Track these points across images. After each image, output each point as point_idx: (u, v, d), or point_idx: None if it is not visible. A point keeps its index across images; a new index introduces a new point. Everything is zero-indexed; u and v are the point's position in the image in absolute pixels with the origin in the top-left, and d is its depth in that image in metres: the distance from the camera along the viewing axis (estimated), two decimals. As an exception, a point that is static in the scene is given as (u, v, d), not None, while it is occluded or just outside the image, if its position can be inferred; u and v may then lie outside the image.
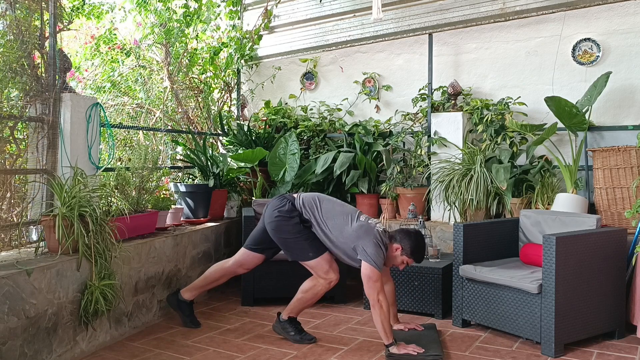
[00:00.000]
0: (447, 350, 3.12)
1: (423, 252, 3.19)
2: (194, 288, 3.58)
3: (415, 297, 3.79)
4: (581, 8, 4.32)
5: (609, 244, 3.25)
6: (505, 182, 4.05)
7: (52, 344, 2.81)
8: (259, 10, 5.62)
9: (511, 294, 3.23)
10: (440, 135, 4.66)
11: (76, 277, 2.97)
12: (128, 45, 5.10)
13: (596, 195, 4.07)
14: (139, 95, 5.22)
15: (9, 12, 3.01)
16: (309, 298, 3.28)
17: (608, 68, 4.25)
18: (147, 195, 3.82)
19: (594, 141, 4.38)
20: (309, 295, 3.26)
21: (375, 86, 5.33)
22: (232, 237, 4.64)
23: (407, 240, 3.12)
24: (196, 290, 3.58)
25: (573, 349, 3.12)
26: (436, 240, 4.39)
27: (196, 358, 3.03)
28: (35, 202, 3.12)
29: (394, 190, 4.72)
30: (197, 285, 3.58)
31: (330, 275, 3.20)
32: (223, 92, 5.74)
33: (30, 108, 3.16)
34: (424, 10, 4.81)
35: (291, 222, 3.22)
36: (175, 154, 5.25)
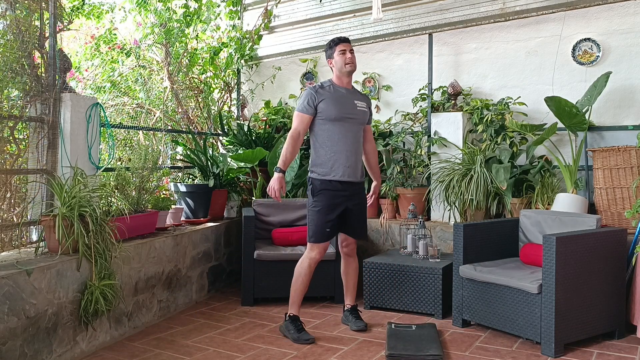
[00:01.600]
0: (447, 350, 3.12)
1: (336, 38, 3.42)
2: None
3: (415, 297, 3.79)
4: (581, 8, 4.32)
5: (609, 244, 3.25)
6: (505, 182, 4.05)
7: (52, 344, 2.81)
8: (259, 10, 5.62)
9: (511, 294, 3.23)
10: (440, 135, 4.66)
11: (76, 277, 2.97)
12: (128, 45, 5.10)
13: (596, 195, 4.07)
14: (139, 95, 5.22)
15: (9, 12, 3.01)
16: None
17: (608, 68, 4.25)
18: (147, 195, 3.82)
19: (594, 141, 4.38)
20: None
21: (375, 86, 5.33)
22: (232, 237, 4.64)
23: (326, 46, 3.46)
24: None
25: (573, 349, 3.12)
26: (436, 240, 4.39)
27: (196, 358, 3.03)
28: (35, 202, 3.12)
29: (394, 190, 4.72)
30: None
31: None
32: (223, 92, 5.74)
33: (31, 108, 3.16)
34: (424, 10, 4.81)
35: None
36: (175, 154, 5.24)
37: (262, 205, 4.45)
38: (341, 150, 3.30)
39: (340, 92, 3.36)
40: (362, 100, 3.44)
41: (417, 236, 4.11)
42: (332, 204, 3.30)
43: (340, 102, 3.32)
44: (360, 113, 3.38)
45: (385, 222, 4.68)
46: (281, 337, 3.38)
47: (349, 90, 3.42)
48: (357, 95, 3.46)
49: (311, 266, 3.35)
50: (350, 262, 3.57)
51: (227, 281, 4.59)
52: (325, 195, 3.30)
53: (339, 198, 3.31)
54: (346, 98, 3.36)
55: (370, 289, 3.94)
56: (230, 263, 4.61)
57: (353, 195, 3.38)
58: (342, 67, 3.34)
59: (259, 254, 4.02)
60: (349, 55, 3.33)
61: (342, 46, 3.34)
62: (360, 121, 3.40)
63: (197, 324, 3.65)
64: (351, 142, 3.33)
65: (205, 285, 4.30)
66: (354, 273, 3.59)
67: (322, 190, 3.31)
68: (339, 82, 3.40)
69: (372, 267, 3.92)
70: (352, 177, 3.34)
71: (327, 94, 3.32)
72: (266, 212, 4.45)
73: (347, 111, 3.32)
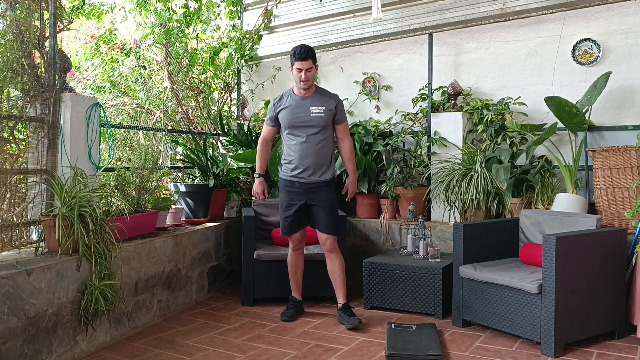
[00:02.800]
0: (447, 350, 3.12)
1: (297, 49, 3.48)
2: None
3: (415, 297, 3.79)
4: (581, 8, 4.32)
5: (609, 244, 3.25)
6: (505, 182, 4.05)
7: (52, 344, 2.81)
8: (259, 10, 5.62)
9: (511, 294, 3.23)
10: (440, 135, 4.66)
11: (76, 277, 2.97)
12: (128, 45, 5.10)
13: (596, 195, 4.07)
14: (139, 95, 5.22)
15: (9, 12, 3.01)
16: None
17: (608, 68, 4.25)
18: (147, 195, 3.82)
19: (594, 141, 4.37)
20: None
21: (375, 86, 5.33)
22: (232, 237, 4.64)
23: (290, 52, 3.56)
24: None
25: (573, 349, 3.12)
26: (436, 240, 4.39)
27: (196, 358, 3.03)
28: (35, 202, 3.12)
29: (394, 190, 4.72)
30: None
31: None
32: (223, 92, 5.74)
33: (31, 108, 3.16)
34: (424, 10, 4.81)
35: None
36: (175, 154, 5.24)
37: (262, 205, 4.45)
38: (295, 154, 3.55)
39: (296, 100, 3.57)
40: (320, 105, 3.53)
41: (417, 236, 4.11)
42: (289, 200, 3.62)
43: (292, 111, 3.55)
44: (315, 119, 3.51)
45: (385, 222, 4.68)
46: (281, 337, 3.38)
47: (306, 98, 3.55)
48: (317, 100, 3.55)
49: (291, 255, 3.76)
50: (333, 259, 3.65)
51: (227, 281, 4.59)
52: (284, 192, 3.65)
53: (296, 195, 3.59)
54: (301, 106, 3.54)
55: (370, 289, 3.94)
56: (230, 263, 4.61)
57: (311, 193, 3.57)
58: (297, 82, 3.53)
59: (259, 254, 4.02)
60: (304, 75, 3.46)
61: (298, 64, 3.46)
62: (317, 126, 3.51)
63: (197, 324, 3.65)
64: (307, 146, 3.52)
65: (205, 285, 4.30)
66: (339, 270, 3.66)
67: (282, 188, 3.67)
68: (297, 91, 3.59)
69: (372, 267, 3.92)
70: (308, 178, 3.54)
71: (284, 104, 3.59)
72: (266, 212, 4.45)
73: (298, 119, 3.53)
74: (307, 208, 3.62)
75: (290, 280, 3.82)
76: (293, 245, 3.73)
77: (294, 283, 3.81)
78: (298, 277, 3.80)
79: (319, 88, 3.65)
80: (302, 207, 3.60)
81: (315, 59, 3.51)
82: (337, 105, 3.58)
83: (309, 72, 3.47)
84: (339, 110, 3.60)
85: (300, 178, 3.55)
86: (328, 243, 3.60)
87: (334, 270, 3.66)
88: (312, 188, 3.56)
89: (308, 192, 3.57)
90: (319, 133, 3.53)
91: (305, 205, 3.60)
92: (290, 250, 3.77)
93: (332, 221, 3.60)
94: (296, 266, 3.78)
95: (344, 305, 3.66)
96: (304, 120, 3.52)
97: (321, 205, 3.58)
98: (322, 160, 3.56)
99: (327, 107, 3.54)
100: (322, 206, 3.58)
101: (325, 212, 3.58)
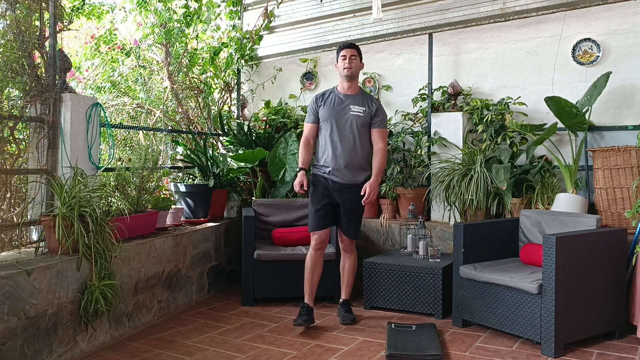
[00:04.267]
0: (447, 350, 3.12)
1: (342, 43, 3.68)
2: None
3: (415, 297, 3.79)
4: (581, 8, 4.32)
5: (609, 244, 3.25)
6: (505, 182, 4.05)
7: (52, 344, 2.81)
8: (259, 11, 5.62)
9: (511, 294, 3.23)
10: (440, 135, 4.66)
11: (76, 277, 2.97)
12: (128, 45, 5.10)
13: (596, 195, 4.07)
14: (139, 95, 5.22)
15: (9, 12, 3.02)
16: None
17: (608, 68, 4.25)
18: (147, 195, 3.82)
19: (594, 141, 4.37)
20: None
21: (375, 86, 5.33)
22: (232, 237, 4.64)
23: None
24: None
25: (573, 349, 3.12)
26: (436, 240, 4.39)
27: (196, 358, 3.03)
28: (35, 202, 3.12)
29: (394, 190, 4.72)
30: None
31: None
32: (223, 92, 5.74)
33: (31, 108, 3.16)
34: (424, 10, 4.80)
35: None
36: (175, 154, 5.24)
37: (262, 205, 4.46)
38: (329, 152, 3.55)
39: (337, 97, 3.60)
40: (360, 105, 3.56)
41: (417, 236, 4.11)
42: (319, 195, 3.58)
43: (332, 108, 3.57)
44: (353, 117, 3.52)
45: (385, 222, 4.68)
46: (281, 337, 3.38)
47: (349, 95, 3.59)
48: (358, 99, 3.59)
49: (311, 255, 3.63)
50: (346, 258, 3.74)
51: (227, 281, 4.59)
52: (316, 186, 3.61)
53: (326, 191, 3.56)
54: (341, 103, 3.57)
55: (370, 289, 3.94)
56: (230, 263, 4.61)
57: (342, 192, 3.54)
58: (341, 71, 3.59)
59: (259, 254, 4.02)
60: (348, 62, 3.53)
61: (343, 52, 3.57)
62: (355, 124, 3.52)
63: (197, 324, 3.65)
64: (341, 145, 3.51)
65: (205, 285, 4.30)
66: (349, 269, 3.73)
67: (314, 182, 3.63)
68: (340, 88, 3.64)
69: (372, 267, 3.92)
70: (340, 179, 3.53)
71: (325, 100, 3.62)
72: (266, 212, 4.45)
73: (338, 116, 3.54)
74: (336, 207, 3.60)
75: (305, 283, 3.62)
76: (315, 243, 3.59)
77: (308, 287, 3.61)
78: (314, 281, 3.62)
79: (363, 91, 3.70)
80: (331, 205, 3.58)
81: (361, 55, 3.61)
82: (378, 108, 3.60)
83: (353, 59, 3.53)
84: (379, 113, 3.59)
85: (333, 176, 3.53)
86: (346, 243, 3.68)
87: (345, 267, 3.75)
88: (344, 188, 3.54)
89: (340, 191, 3.54)
90: (356, 132, 3.52)
91: (335, 204, 3.58)
92: (311, 249, 3.62)
93: (355, 225, 3.65)
94: (314, 267, 3.61)
95: (345, 301, 3.73)
96: (342, 118, 3.53)
97: (349, 207, 3.56)
98: (357, 160, 3.55)
99: (367, 108, 3.56)
100: (349, 208, 3.57)
101: (351, 214, 3.59)
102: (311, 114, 3.65)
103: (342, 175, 3.52)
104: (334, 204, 3.58)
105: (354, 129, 3.52)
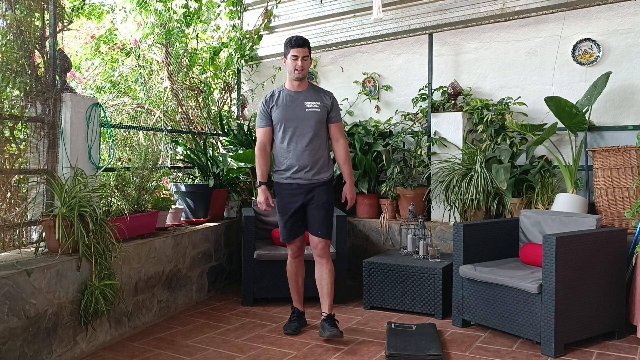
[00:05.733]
0: (447, 350, 3.12)
1: (292, 37, 3.32)
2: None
3: (415, 297, 3.79)
4: (581, 8, 4.32)
5: (609, 244, 3.25)
6: (505, 182, 4.05)
7: (52, 344, 2.81)
8: (259, 10, 5.62)
9: (511, 294, 3.23)
10: (440, 135, 4.66)
11: (76, 277, 2.97)
12: (128, 45, 5.10)
13: (596, 195, 4.07)
14: (139, 95, 5.22)
15: (9, 12, 3.02)
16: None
17: (608, 68, 4.25)
18: (147, 195, 3.82)
19: (594, 141, 4.37)
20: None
21: (375, 86, 5.33)
22: (232, 237, 4.64)
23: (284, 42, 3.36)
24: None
25: (573, 349, 3.12)
26: (436, 240, 4.39)
27: (196, 358, 3.03)
28: (36, 202, 3.12)
29: (394, 190, 4.72)
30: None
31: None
32: (223, 92, 5.74)
33: (31, 108, 3.15)
34: (424, 10, 4.81)
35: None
36: (175, 154, 5.24)
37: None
38: (289, 155, 3.33)
39: (289, 96, 3.36)
40: (315, 100, 3.33)
41: (417, 236, 4.11)
42: (286, 204, 3.39)
43: (286, 107, 3.33)
44: (311, 114, 3.30)
45: (385, 222, 4.68)
46: (281, 337, 3.38)
47: (300, 92, 3.35)
48: (311, 94, 3.36)
49: (290, 263, 3.54)
50: (323, 265, 3.39)
51: (227, 281, 4.59)
52: (281, 197, 3.42)
53: (293, 197, 3.36)
54: (295, 101, 3.33)
55: (370, 289, 3.94)
56: (230, 263, 4.61)
57: (309, 193, 3.34)
58: (291, 71, 3.31)
59: (259, 254, 4.02)
60: (300, 63, 3.25)
61: (294, 51, 3.26)
62: (313, 121, 3.30)
63: (197, 324, 3.65)
64: (302, 145, 3.30)
65: (205, 285, 4.30)
66: (328, 277, 3.38)
67: (279, 193, 3.43)
68: (289, 86, 3.38)
69: (372, 267, 3.92)
70: (304, 180, 3.33)
71: (276, 101, 3.36)
72: (266, 213, 4.44)
73: (293, 115, 3.31)
74: (304, 210, 3.39)
75: (291, 290, 3.56)
76: (292, 252, 3.48)
77: (295, 293, 3.55)
78: (299, 286, 3.54)
79: (313, 84, 3.46)
80: (299, 210, 3.37)
81: (310, 50, 3.34)
82: (333, 102, 3.39)
83: (305, 60, 3.27)
84: (334, 108, 3.39)
85: (298, 179, 3.32)
86: (320, 247, 3.36)
87: (323, 278, 3.39)
88: (311, 188, 3.34)
89: (306, 192, 3.34)
90: (314, 129, 3.30)
91: (302, 208, 3.38)
92: (289, 258, 3.52)
93: (326, 223, 3.37)
94: (296, 275, 3.53)
95: (329, 316, 3.35)
96: (298, 116, 3.29)
97: (316, 205, 3.35)
98: (320, 158, 3.34)
99: (322, 103, 3.34)
100: (317, 206, 3.35)
101: (319, 211, 3.35)
102: (262, 117, 3.38)
103: (306, 175, 3.31)
104: (303, 208, 3.37)
105: (312, 125, 3.29)
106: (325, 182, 3.39)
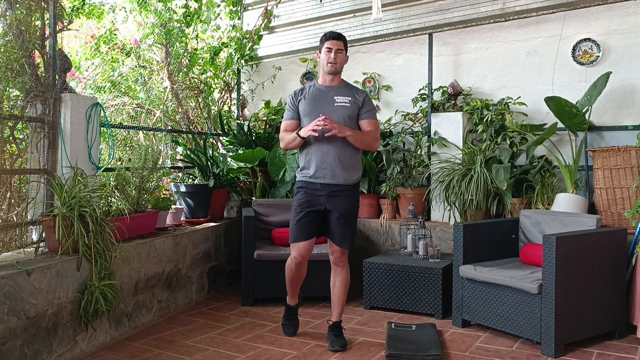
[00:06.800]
0: (447, 350, 3.12)
1: (328, 32, 3.24)
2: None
3: (415, 297, 3.79)
4: (581, 8, 4.32)
5: (609, 244, 3.25)
6: (505, 182, 4.05)
7: (52, 344, 2.81)
8: (259, 10, 5.62)
9: (511, 294, 3.23)
10: (440, 135, 4.66)
11: (76, 277, 2.97)
12: (128, 45, 5.10)
13: (596, 195, 4.07)
14: (139, 95, 5.22)
15: (9, 12, 3.01)
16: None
17: (608, 68, 4.25)
18: (147, 195, 3.82)
19: (594, 141, 4.37)
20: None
21: (375, 86, 5.33)
22: (232, 237, 4.64)
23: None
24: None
25: (573, 349, 3.12)
26: (436, 240, 4.39)
27: (196, 358, 3.03)
28: (36, 202, 3.12)
29: (394, 190, 4.72)
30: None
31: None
32: (223, 92, 5.74)
33: (31, 108, 3.16)
34: (424, 10, 4.81)
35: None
36: (175, 154, 5.25)
37: (262, 205, 4.45)
38: (314, 151, 3.13)
39: (320, 90, 3.21)
40: (346, 95, 3.16)
41: (417, 236, 4.11)
42: (305, 202, 3.15)
43: (314, 100, 3.17)
44: (340, 109, 3.12)
45: (385, 222, 4.68)
46: (281, 337, 3.38)
47: (331, 87, 3.20)
48: (343, 90, 3.19)
49: (290, 267, 3.27)
50: (337, 273, 3.25)
51: (227, 281, 4.59)
52: (300, 194, 3.19)
53: (315, 198, 3.14)
54: (324, 95, 3.17)
55: (370, 289, 3.94)
56: (230, 263, 4.61)
57: (333, 197, 3.13)
58: (324, 65, 3.18)
59: (259, 254, 4.02)
60: (333, 55, 3.13)
61: (328, 43, 3.15)
62: (339, 117, 3.10)
63: (197, 324, 3.65)
64: (328, 140, 3.08)
65: (205, 285, 4.30)
66: (341, 285, 3.24)
67: (298, 189, 3.21)
68: (322, 81, 3.24)
69: (372, 267, 3.92)
70: (329, 179, 3.11)
71: (305, 94, 3.22)
72: (266, 212, 4.45)
73: (320, 109, 3.11)
74: (324, 216, 3.17)
75: (288, 287, 3.38)
76: (295, 257, 3.19)
77: (291, 290, 3.39)
78: (297, 287, 3.38)
79: (348, 83, 3.28)
80: (317, 213, 3.15)
81: (346, 45, 3.21)
82: (365, 98, 3.18)
83: (339, 53, 3.13)
84: (366, 104, 3.17)
85: (322, 179, 3.10)
86: (337, 255, 3.20)
87: (336, 285, 3.25)
88: (337, 191, 3.11)
89: (329, 196, 3.11)
90: (343, 125, 3.07)
91: (323, 213, 3.16)
92: (290, 261, 3.26)
93: (349, 234, 3.18)
94: (297, 278, 3.32)
95: (336, 324, 3.25)
96: (326, 110, 3.08)
97: (341, 214, 3.12)
98: (347, 158, 3.12)
99: (353, 98, 3.15)
100: (341, 215, 3.12)
101: (343, 222, 3.14)
102: (290, 109, 3.22)
103: (332, 174, 3.09)
104: (322, 211, 3.15)
105: (340, 121, 3.08)
106: (351, 187, 3.17)
